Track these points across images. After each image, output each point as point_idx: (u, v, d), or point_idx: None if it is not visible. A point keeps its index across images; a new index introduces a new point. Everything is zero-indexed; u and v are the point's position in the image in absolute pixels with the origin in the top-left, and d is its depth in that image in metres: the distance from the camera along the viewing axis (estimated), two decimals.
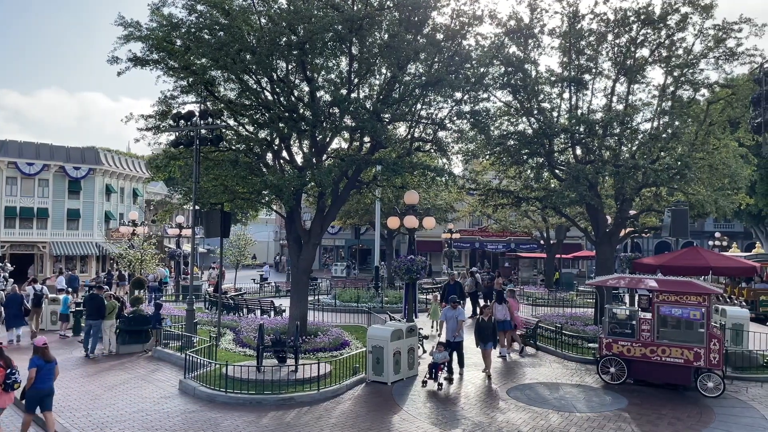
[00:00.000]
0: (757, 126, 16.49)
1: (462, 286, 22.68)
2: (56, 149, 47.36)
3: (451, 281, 23.01)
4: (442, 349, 14.21)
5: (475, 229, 57.32)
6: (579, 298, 30.59)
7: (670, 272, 18.17)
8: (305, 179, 16.62)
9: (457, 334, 15.03)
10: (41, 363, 10.27)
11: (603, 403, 12.79)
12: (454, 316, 15.15)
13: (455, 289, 21.95)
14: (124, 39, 16.49)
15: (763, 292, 24.79)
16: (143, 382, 14.42)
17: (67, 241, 47.16)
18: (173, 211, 23.02)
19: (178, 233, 34.57)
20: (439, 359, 13.96)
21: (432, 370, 13.84)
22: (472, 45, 18.04)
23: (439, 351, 14.14)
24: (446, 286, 23.07)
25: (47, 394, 10.34)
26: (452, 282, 22.87)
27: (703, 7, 19.09)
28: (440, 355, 14.05)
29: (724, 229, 53.05)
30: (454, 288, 22.23)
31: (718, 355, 13.21)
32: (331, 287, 34.63)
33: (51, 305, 22.30)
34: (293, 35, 15.94)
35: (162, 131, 18.48)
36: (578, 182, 18.47)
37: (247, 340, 17.43)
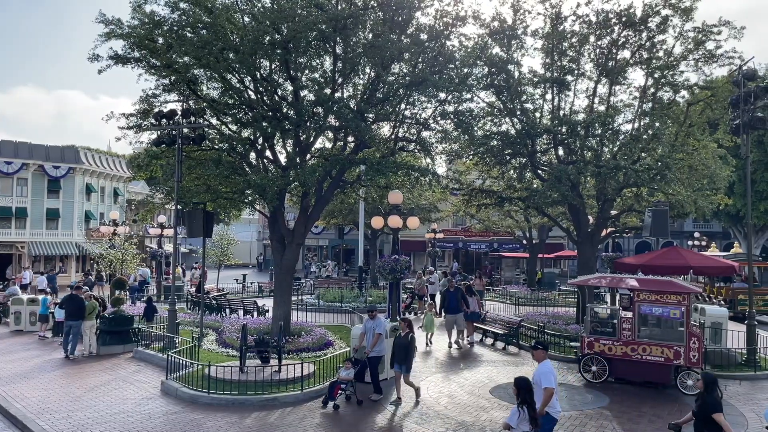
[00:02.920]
0: (736, 127, 16.73)
1: (464, 293, 19.43)
2: (35, 148, 46.65)
3: (451, 287, 19.68)
4: (349, 366, 12.73)
5: (458, 229, 57.56)
6: (561, 298, 30.85)
7: (651, 272, 18.41)
8: (289, 179, 16.55)
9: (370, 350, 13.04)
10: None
11: (585, 401, 12.90)
12: (371, 327, 13.23)
13: (456, 297, 19.01)
14: (105, 36, 16.31)
15: (741, 291, 25.16)
16: (124, 383, 14.27)
17: (46, 241, 46.51)
18: (155, 211, 22.78)
19: (159, 233, 34.28)
20: (342, 377, 12.53)
21: (330, 389, 12.31)
22: (455, 45, 18.11)
23: (346, 368, 12.73)
24: (445, 293, 19.74)
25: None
26: (452, 288, 19.54)
27: (683, 9, 19.35)
28: (345, 372, 12.63)
29: (703, 229, 53.80)
30: (455, 295, 19.09)
31: (698, 353, 13.39)
32: (315, 287, 34.54)
33: (30, 306, 22.00)
34: (277, 34, 15.88)
35: (143, 130, 18.30)
36: (560, 182, 18.62)
37: (230, 340, 17.33)
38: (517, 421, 7.61)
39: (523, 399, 7.64)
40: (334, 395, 12.16)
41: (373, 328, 13.14)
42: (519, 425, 7.60)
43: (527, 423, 7.56)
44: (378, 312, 13.80)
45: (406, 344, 12.42)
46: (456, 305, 18.79)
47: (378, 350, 13.13)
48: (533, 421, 7.54)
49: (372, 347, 13.00)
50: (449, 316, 18.88)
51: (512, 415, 7.73)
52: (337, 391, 12.22)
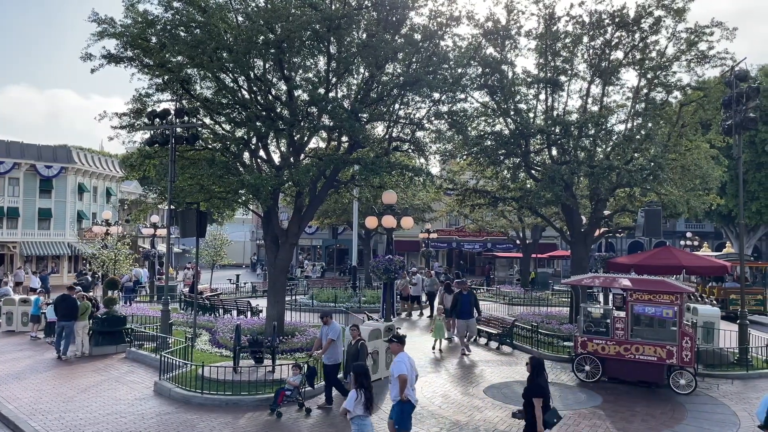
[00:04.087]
0: (728, 128, 16.82)
1: (476, 297, 18.60)
2: (27, 147, 46.41)
3: (464, 290, 18.32)
4: (297, 372, 12.20)
5: (452, 229, 57.67)
6: (554, 297, 30.91)
7: (644, 271, 18.50)
8: (283, 179, 16.53)
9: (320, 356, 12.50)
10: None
11: (578, 401, 12.94)
12: (325, 333, 12.63)
13: (469, 301, 17.94)
14: (97, 35, 16.23)
15: (733, 291, 25.31)
16: (117, 383, 14.21)
17: (38, 241, 46.27)
18: (148, 211, 22.71)
19: (152, 233, 34.14)
20: (289, 382, 12.04)
21: (276, 394, 11.82)
22: (449, 45, 18.14)
23: (294, 373, 12.21)
24: (458, 296, 18.27)
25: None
26: (465, 291, 18.26)
27: (676, 10, 19.43)
28: (292, 377, 12.09)
29: (695, 229, 54.10)
30: (467, 298, 17.93)
31: (690, 352, 13.45)
32: (309, 287, 34.50)
33: (22, 306, 21.89)
34: (271, 33, 15.85)
35: (136, 129, 18.22)
36: (554, 183, 18.67)
37: (224, 340, 17.28)
38: (353, 404, 8.14)
39: (360, 384, 8.23)
40: (278, 401, 11.67)
41: (327, 334, 12.50)
42: (355, 409, 8.13)
43: (362, 406, 8.17)
44: (332, 318, 12.98)
45: (355, 352, 11.79)
46: (469, 309, 17.82)
47: (332, 357, 12.39)
48: (368, 404, 8.22)
49: (322, 353, 12.39)
50: (461, 321, 17.86)
51: (350, 399, 8.23)
52: (282, 397, 11.73)
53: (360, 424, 8.22)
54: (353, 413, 8.16)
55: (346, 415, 8.28)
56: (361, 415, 8.19)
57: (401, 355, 9.34)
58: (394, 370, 9.09)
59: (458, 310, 17.86)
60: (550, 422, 8.50)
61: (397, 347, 9.57)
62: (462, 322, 17.77)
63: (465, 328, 17.77)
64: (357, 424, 8.23)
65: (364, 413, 8.20)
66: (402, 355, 9.33)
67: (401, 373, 8.89)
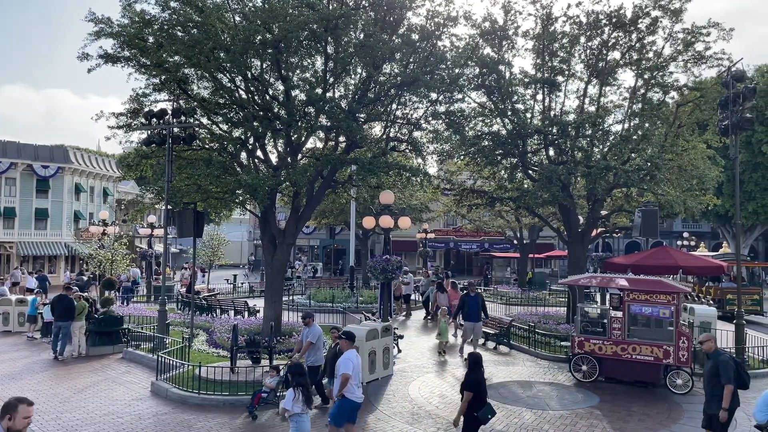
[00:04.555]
0: (725, 128, 16.85)
1: (484, 299, 18.04)
2: (24, 147, 46.32)
3: (471, 292, 17.61)
4: (274, 374, 12.01)
5: (449, 229, 57.69)
6: (551, 297, 30.95)
7: (641, 271, 18.53)
8: (280, 179, 16.52)
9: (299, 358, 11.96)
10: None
11: (575, 401, 12.95)
12: (306, 335, 12.35)
13: (477, 303, 17.26)
14: (94, 35, 16.20)
15: (729, 291, 25.37)
16: (114, 384, 14.19)
17: (35, 241, 46.18)
18: (145, 211, 22.66)
19: (149, 233, 34.09)
20: (266, 384, 11.85)
21: (252, 396, 11.69)
22: (447, 46, 18.16)
23: (271, 375, 12.00)
24: (464, 297, 17.65)
25: None
26: (472, 293, 17.54)
27: (673, 11, 19.47)
28: (269, 380, 11.89)
29: (692, 229, 54.22)
30: (475, 300, 17.25)
31: (687, 352, 13.47)
32: (306, 287, 34.48)
33: (18, 306, 21.84)
34: (268, 33, 15.84)
35: (133, 129, 18.20)
36: (551, 183, 18.69)
37: (221, 340, 17.27)
38: (292, 403, 8.22)
39: (297, 382, 8.36)
40: (254, 403, 11.53)
41: (306, 336, 12.24)
42: (294, 407, 8.21)
43: (301, 404, 8.26)
44: (313, 319, 12.55)
45: (333, 356, 11.32)
46: (477, 312, 17.15)
47: (314, 359, 12.09)
48: (307, 401, 8.33)
49: (301, 355, 12.05)
50: (468, 323, 17.28)
51: (288, 399, 8.29)
52: (258, 399, 11.58)
53: (298, 422, 8.30)
54: (292, 411, 8.24)
55: (285, 414, 8.34)
56: (300, 412, 8.28)
57: (350, 352, 9.47)
58: (340, 366, 9.20)
59: (465, 312, 17.28)
60: (484, 417, 8.77)
61: (346, 344, 9.72)
62: (469, 324, 17.24)
63: (471, 330, 17.28)
64: (296, 422, 8.29)
65: (303, 410, 8.30)
66: (350, 353, 9.45)
67: (345, 372, 9.05)
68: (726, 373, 8.80)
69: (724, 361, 8.95)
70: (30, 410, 5.12)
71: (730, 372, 8.80)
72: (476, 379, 8.81)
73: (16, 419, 5.02)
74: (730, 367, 8.86)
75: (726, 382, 8.75)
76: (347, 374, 9.04)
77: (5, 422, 5.03)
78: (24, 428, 5.08)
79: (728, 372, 8.80)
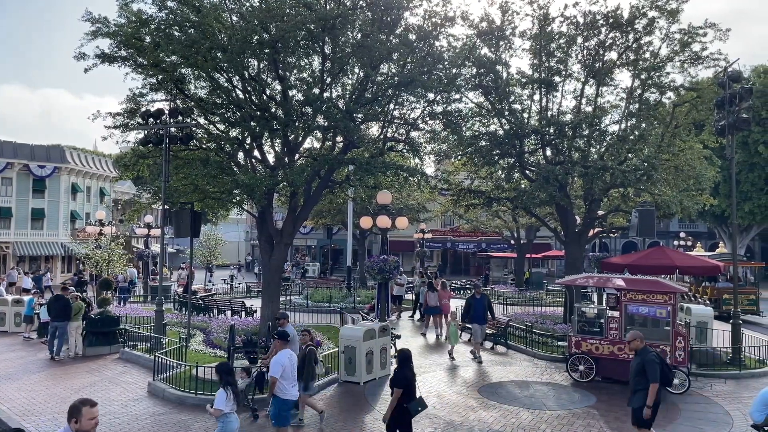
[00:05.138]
0: (721, 129, 16.90)
1: (491, 302, 17.95)
2: (20, 147, 46.23)
3: (477, 294, 17.51)
4: (244, 376, 11.82)
5: (446, 229, 57.74)
6: (548, 297, 30.99)
7: (638, 271, 18.57)
8: (277, 179, 16.50)
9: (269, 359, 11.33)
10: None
11: (572, 401, 12.97)
12: None
13: (483, 305, 17.19)
14: (91, 35, 16.13)
15: (726, 291, 25.43)
16: (111, 384, 14.17)
17: (31, 241, 46.07)
18: (142, 211, 22.64)
19: (146, 233, 34.04)
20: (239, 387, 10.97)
21: None
22: (444, 46, 18.15)
23: (242, 377, 11.64)
24: (470, 299, 17.54)
25: None
26: (478, 295, 17.44)
27: (669, 11, 19.51)
28: (240, 382, 11.27)
29: (688, 230, 54.32)
30: (481, 302, 17.18)
31: (684, 352, 13.51)
32: (303, 287, 34.48)
33: (14, 307, 21.78)
34: (265, 33, 15.82)
35: (130, 129, 18.14)
36: (548, 183, 18.72)
37: (218, 341, 17.25)
38: (224, 403, 8.23)
39: (227, 381, 8.38)
40: None
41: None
42: (225, 407, 8.24)
43: (233, 402, 8.32)
44: (287, 320, 12.33)
45: (302, 358, 11.03)
46: (482, 314, 17.05)
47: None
48: (237, 400, 8.42)
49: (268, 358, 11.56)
50: (474, 325, 17.11)
51: (219, 399, 8.27)
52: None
53: (226, 422, 8.31)
54: (224, 411, 8.24)
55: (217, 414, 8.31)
56: (229, 412, 8.31)
57: (282, 353, 9.55)
58: (271, 368, 9.40)
59: (471, 315, 17.10)
60: (414, 410, 8.91)
61: (280, 344, 9.84)
62: (475, 326, 17.07)
63: (478, 332, 17.10)
64: (223, 422, 8.30)
65: (232, 410, 8.35)
66: (283, 353, 9.53)
67: (271, 375, 9.29)
68: (652, 371, 9.08)
69: (650, 360, 9.21)
70: (94, 411, 5.15)
71: (656, 371, 9.09)
72: (404, 375, 8.98)
73: (82, 422, 5.05)
74: (656, 365, 9.14)
75: (652, 380, 9.04)
76: (274, 378, 9.25)
77: (72, 425, 5.05)
78: (92, 429, 5.11)
79: (654, 371, 9.08)
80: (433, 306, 21.16)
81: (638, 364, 9.31)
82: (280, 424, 9.49)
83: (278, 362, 9.37)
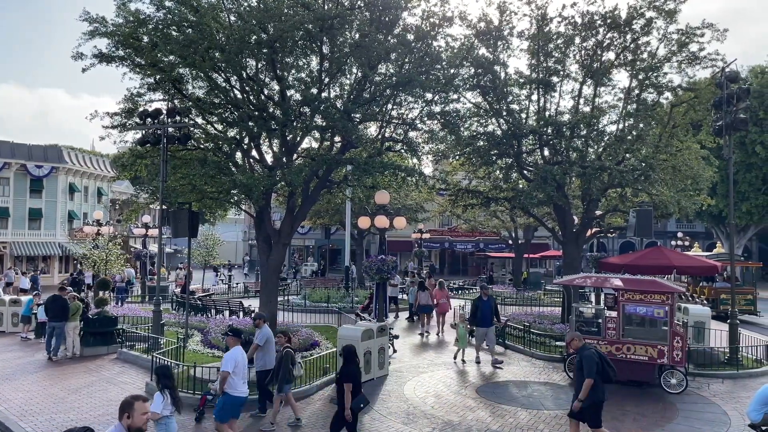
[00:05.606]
0: (719, 129, 16.93)
1: (497, 304, 17.60)
2: (17, 147, 46.12)
3: (484, 296, 17.03)
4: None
5: (444, 229, 57.77)
6: (546, 297, 31.01)
7: (635, 271, 18.57)
8: (275, 179, 16.49)
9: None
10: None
11: (570, 400, 12.94)
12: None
13: (490, 307, 16.70)
14: (89, 35, 16.12)
15: (723, 291, 25.47)
16: (108, 384, 14.14)
17: (28, 241, 45.97)
18: (139, 211, 22.62)
19: (144, 233, 33.99)
20: (211, 388, 11.40)
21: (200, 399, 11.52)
22: (442, 46, 18.17)
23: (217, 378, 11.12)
24: (477, 301, 17.01)
25: None
26: (485, 297, 16.94)
27: (667, 12, 19.52)
28: (214, 383, 11.23)
29: (686, 230, 54.42)
30: (488, 305, 16.70)
31: (681, 352, 13.53)
32: (301, 287, 34.47)
33: (12, 307, 21.74)
34: (263, 33, 15.82)
35: (128, 129, 18.12)
36: (546, 183, 18.72)
37: (216, 341, 17.22)
38: (162, 406, 8.06)
39: (164, 385, 8.19)
40: (200, 405, 11.41)
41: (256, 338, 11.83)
42: (163, 411, 8.08)
43: (170, 406, 8.12)
44: (264, 321, 12.12)
45: (279, 360, 11.10)
46: (490, 317, 16.59)
47: (261, 364, 11.66)
48: (176, 403, 8.17)
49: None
50: (480, 329, 16.71)
51: (157, 403, 8.06)
52: (203, 401, 11.43)
53: (166, 424, 8.15)
54: (161, 415, 8.04)
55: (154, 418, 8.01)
56: (168, 415, 8.15)
57: (234, 349, 9.59)
58: (223, 364, 9.45)
59: (478, 317, 16.64)
60: (356, 406, 9.05)
61: (232, 341, 9.83)
62: (481, 330, 16.63)
63: (484, 336, 16.61)
64: (163, 425, 8.13)
65: (171, 413, 8.19)
66: (235, 350, 9.57)
67: (223, 370, 9.33)
68: (589, 367, 9.23)
69: (587, 356, 9.37)
70: (146, 406, 5.22)
71: (593, 367, 9.24)
72: (351, 370, 9.17)
73: (134, 417, 5.11)
74: (593, 361, 9.29)
75: (587, 375, 9.20)
76: (226, 372, 9.29)
77: (125, 421, 5.11)
78: (144, 425, 5.16)
79: (591, 366, 9.24)
80: (425, 304, 21.63)
81: (579, 361, 9.51)
82: (220, 419, 9.46)
83: (231, 357, 9.41)
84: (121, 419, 5.12)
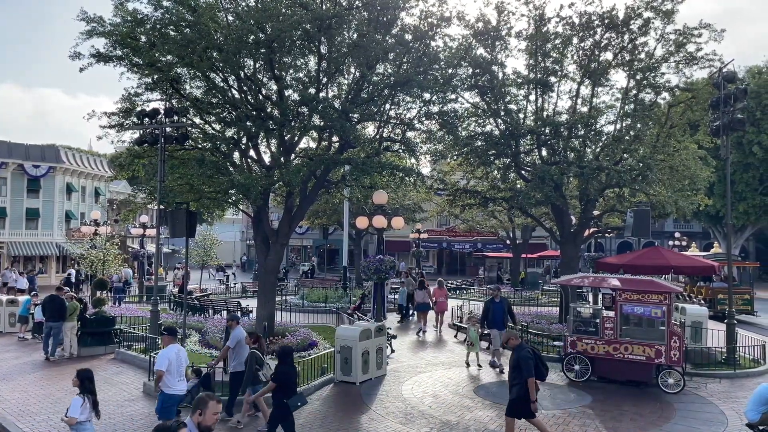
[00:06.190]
0: (716, 129, 16.95)
1: (510, 305, 17.21)
2: (14, 146, 45.98)
3: (496, 298, 16.47)
4: (194, 377, 11.19)
5: (442, 229, 57.80)
6: (544, 297, 31.02)
7: (633, 271, 18.61)
8: (273, 179, 16.48)
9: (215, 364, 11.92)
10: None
11: (568, 400, 12.99)
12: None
13: (502, 309, 16.23)
14: (86, 34, 16.10)
15: (720, 291, 25.51)
16: (106, 384, 14.12)
17: (25, 241, 45.86)
18: (137, 211, 22.57)
19: (142, 233, 33.94)
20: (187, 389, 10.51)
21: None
22: (440, 46, 18.17)
23: (190, 378, 10.94)
24: (489, 303, 16.56)
25: None
26: (497, 299, 16.42)
27: (664, 12, 19.55)
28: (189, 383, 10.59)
29: (683, 230, 54.50)
30: (500, 307, 16.21)
31: (679, 352, 13.54)
32: (299, 287, 34.44)
33: (9, 307, 21.69)
34: (261, 33, 15.80)
35: (126, 129, 18.09)
36: (544, 183, 18.74)
37: (214, 341, 17.20)
38: (80, 410, 7.98)
39: (85, 388, 8.17)
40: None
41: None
42: (81, 415, 8.01)
43: (89, 410, 8.08)
44: (237, 322, 12.11)
45: (245, 362, 11.06)
46: (501, 319, 16.07)
47: (235, 365, 11.54)
48: (95, 407, 8.18)
49: (216, 363, 12.07)
50: (492, 331, 16.31)
51: (75, 407, 7.97)
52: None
53: (81, 429, 8.03)
54: (78, 419, 7.91)
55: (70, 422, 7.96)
56: (84, 420, 8.01)
57: (170, 347, 9.66)
58: (157, 361, 9.65)
59: (489, 319, 16.25)
60: (294, 405, 9.17)
61: (167, 339, 9.95)
62: (494, 332, 16.20)
63: (498, 338, 15.86)
64: (79, 429, 8.00)
65: (88, 418, 8.06)
66: (170, 348, 9.64)
67: (158, 369, 9.50)
68: (526, 367, 9.49)
69: (524, 357, 9.63)
70: (219, 406, 5.23)
71: (530, 366, 9.51)
72: (285, 370, 9.30)
73: (206, 415, 5.10)
74: (530, 361, 9.55)
75: (527, 375, 9.46)
76: (160, 371, 9.39)
77: (195, 417, 5.10)
78: (213, 424, 5.15)
79: (528, 366, 9.50)
80: (421, 303, 21.69)
81: (515, 360, 9.74)
82: (164, 416, 9.40)
83: (164, 356, 9.47)
84: (192, 415, 5.08)
